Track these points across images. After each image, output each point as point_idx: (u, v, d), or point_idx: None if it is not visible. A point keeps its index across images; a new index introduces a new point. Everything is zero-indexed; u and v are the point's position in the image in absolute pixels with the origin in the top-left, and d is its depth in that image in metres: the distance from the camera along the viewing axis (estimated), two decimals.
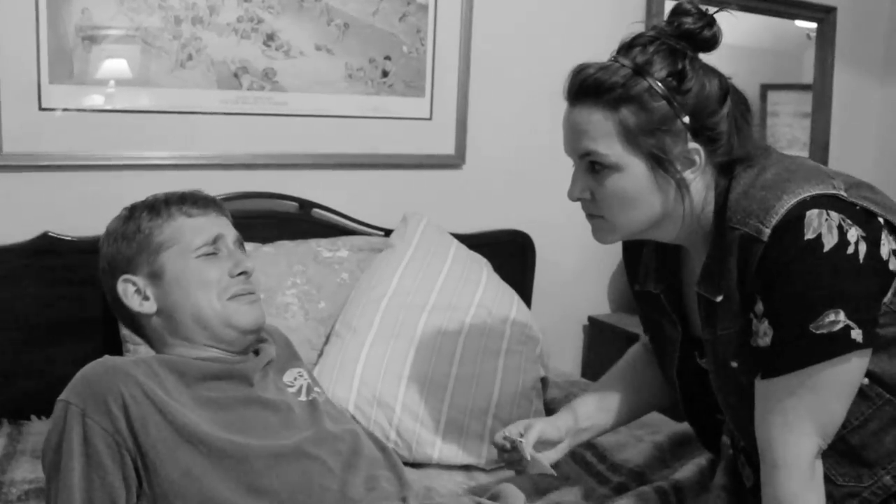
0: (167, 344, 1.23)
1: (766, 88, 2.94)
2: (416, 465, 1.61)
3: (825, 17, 2.89)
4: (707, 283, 1.14)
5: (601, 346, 2.50)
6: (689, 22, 1.10)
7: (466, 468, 1.64)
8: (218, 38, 1.88)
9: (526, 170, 2.34)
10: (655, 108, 1.07)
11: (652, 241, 1.28)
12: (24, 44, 1.70)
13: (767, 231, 1.04)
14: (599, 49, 2.54)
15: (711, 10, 1.12)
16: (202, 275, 1.21)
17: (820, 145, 2.95)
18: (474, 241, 2.10)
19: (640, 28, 1.15)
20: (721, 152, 1.12)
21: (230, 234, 1.28)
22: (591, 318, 2.54)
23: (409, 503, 1.14)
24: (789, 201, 1.05)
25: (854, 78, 3.02)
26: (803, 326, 1.03)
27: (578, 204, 1.19)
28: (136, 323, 1.26)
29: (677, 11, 1.12)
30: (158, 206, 1.25)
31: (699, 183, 1.13)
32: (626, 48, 1.12)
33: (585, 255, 2.46)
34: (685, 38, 1.10)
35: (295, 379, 1.31)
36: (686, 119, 1.08)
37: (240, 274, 1.24)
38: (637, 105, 1.08)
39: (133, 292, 1.23)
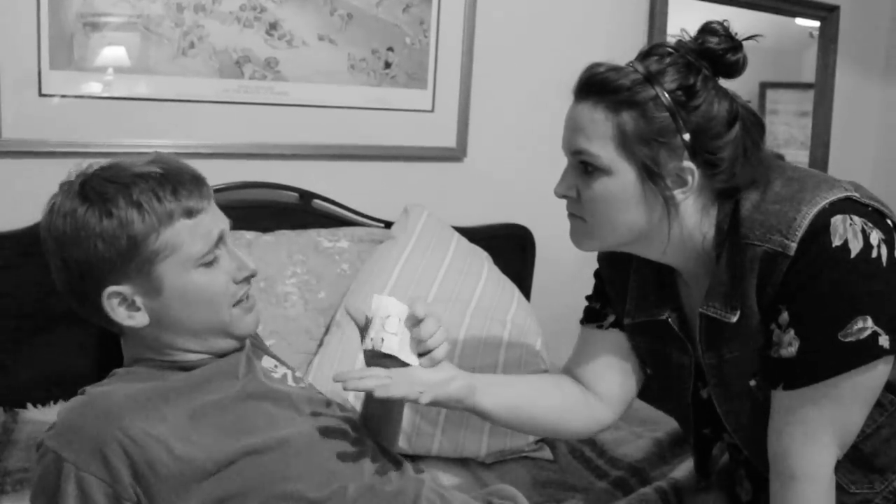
0: (150, 348, 1.10)
1: (764, 86, 2.94)
2: (415, 457, 1.59)
3: (828, 15, 2.89)
4: (718, 304, 1.10)
5: None
6: (714, 42, 1.07)
7: (464, 461, 1.63)
8: (220, 26, 1.87)
9: (527, 164, 2.33)
10: (657, 118, 1.04)
11: (642, 269, 1.24)
12: (26, 29, 1.68)
13: (794, 245, 1.02)
14: (602, 43, 2.52)
15: (741, 36, 1.09)
16: (210, 288, 1.06)
17: (821, 144, 2.95)
18: (474, 235, 2.09)
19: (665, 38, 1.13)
20: (720, 178, 1.08)
21: (226, 226, 1.11)
22: None
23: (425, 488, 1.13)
24: (811, 211, 1.03)
25: (855, 77, 3.02)
26: (832, 335, 1.01)
27: None
28: (115, 327, 1.09)
29: (705, 30, 1.09)
30: (150, 206, 1.02)
31: (692, 205, 1.10)
32: (644, 55, 1.09)
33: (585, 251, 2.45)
34: (706, 56, 1.08)
35: (276, 366, 1.23)
36: (686, 136, 1.05)
37: (245, 278, 1.11)
38: (639, 111, 1.05)
39: (118, 304, 1.04)
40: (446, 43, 2.15)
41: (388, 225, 2.06)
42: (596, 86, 1.08)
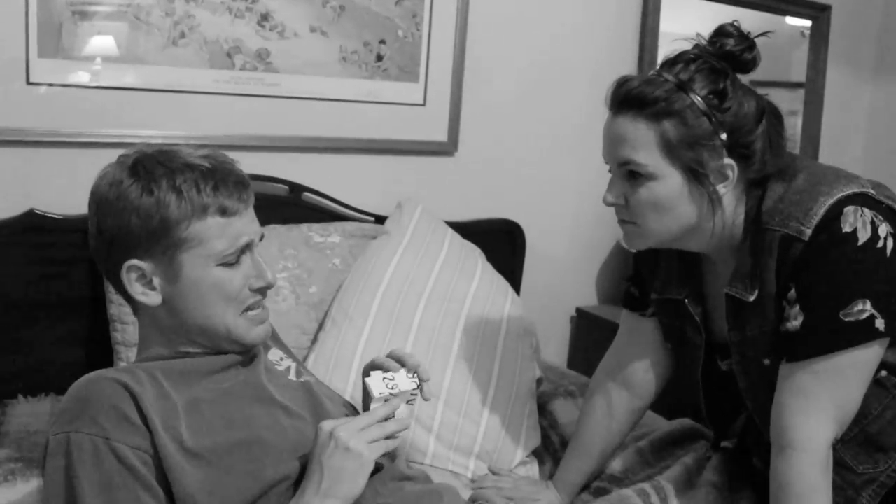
0: (162, 332, 1.11)
1: (755, 85, 2.93)
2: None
3: (819, 14, 2.89)
4: (740, 285, 1.20)
5: (588, 337, 2.51)
6: (731, 44, 1.16)
7: (454, 473, 1.59)
8: (211, 16, 1.85)
9: (518, 159, 2.33)
10: (696, 123, 1.13)
11: (669, 250, 1.33)
12: (14, 17, 1.66)
13: (808, 231, 1.11)
14: (595, 39, 2.52)
15: (753, 34, 1.18)
16: (223, 287, 1.07)
17: (811, 143, 2.96)
18: (465, 229, 2.09)
19: (683, 45, 1.20)
20: (754, 169, 1.17)
21: (257, 236, 1.12)
22: (578, 310, 2.54)
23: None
24: (827, 202, 1.12)
25: (846, 77, 3.03)
26: (834, 313, 1.10)
27: (571, 195, 1.21)
28: (132, 302, 1.11)
29: (720, 33, 1.18)
30: (189, 195, 1.04)
31: (730, 196, 1.18)
32: (669, 64, 1.17)
33: (575, 247, 2.46)
34: (726, 58, 1.16)
35: (281, 359, 1.25)
36: (724, 136, 1.13)
37: (260, 289, 1.12)
38: (679, 119, 1.13)
39: (136, 279, 1.07)
40: (438, 36, 2.15)
41: (378, 219, 2.06)
42: (634, 99, 1.15)
